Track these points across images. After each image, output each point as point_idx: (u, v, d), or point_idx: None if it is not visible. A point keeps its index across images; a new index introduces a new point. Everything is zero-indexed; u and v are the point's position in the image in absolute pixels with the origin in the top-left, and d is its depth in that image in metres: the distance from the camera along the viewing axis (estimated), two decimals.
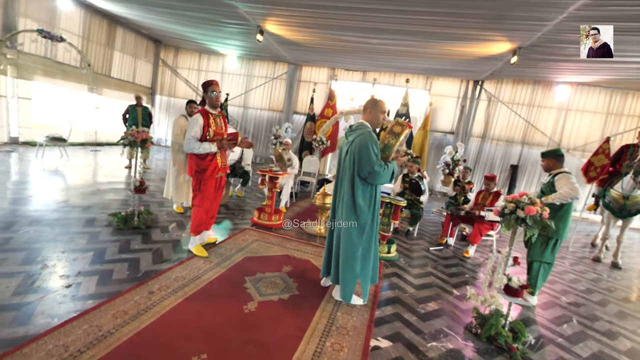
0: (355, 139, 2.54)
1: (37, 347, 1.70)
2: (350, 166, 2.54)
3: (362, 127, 2.58)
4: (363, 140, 2.47)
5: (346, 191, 2.57)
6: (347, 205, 2.56)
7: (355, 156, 2.49)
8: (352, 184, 2.54)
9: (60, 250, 2.86)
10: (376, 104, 2.61)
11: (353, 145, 2.53)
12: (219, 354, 1.85)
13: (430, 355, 2.15)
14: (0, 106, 7.11)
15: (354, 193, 2.53)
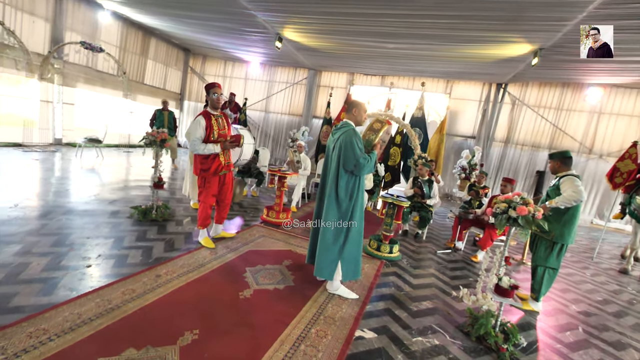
0: (340, 136, 2.71)
1: (56, 313, 1.96)
2: (336, 160, 2.72)
3: (346, 125, 2.74)
4: (348, 137, 2.66)
5: (330, 183, 2.76)
6: (331, 196, 2.75)
7: (341, 151, 2.67)
8: (337, 176, 2.73)
9: (86, 236, 3.20)
10: (360, 105, 2.82)
11: (339, 142, 2.71)
12: (210, 331, 2.03)
13: (413, 349, 2.20)
14: (48, 111, 7.91)
15: (337, 184, 2.72)
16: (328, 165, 2.86)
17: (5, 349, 1.63)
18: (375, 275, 3.33)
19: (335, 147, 2.75)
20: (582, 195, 2.81)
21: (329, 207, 2.75)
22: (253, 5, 6.15)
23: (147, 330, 1.94)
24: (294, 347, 2.01)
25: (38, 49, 7.39)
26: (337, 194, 2.73)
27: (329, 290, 2.84)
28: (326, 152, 2.92)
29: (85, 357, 1.67)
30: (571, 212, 2.94)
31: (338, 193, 2.73)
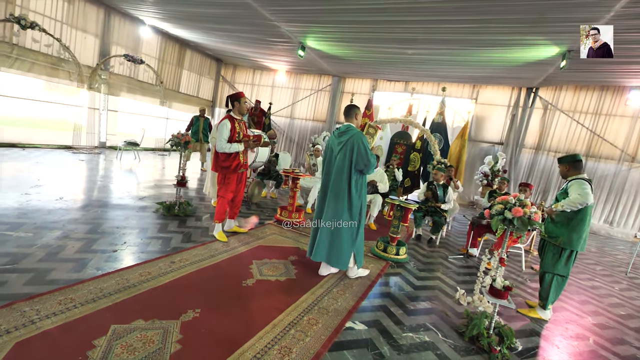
0: (349, 139, 2.87)
1: (83, 287, 2.27)
2: (347, 162, 2.90)
3: (352, 128, 2.90)
4: (359, 140, 2.88)
5: (343, 183, 2.94)
6: (343, 195, 2.94)
7: (353, 153, 2.87)
8: (349, 176, 2.92)
9: (115, 226, 3.58)
10: (360, 110, 3.08)
11: (349, 145, 2.87)
12: (210, 311, 2.24)
13: (401, 342, 2.26)
14: (94, 117, 8.80)
15: (350, 183, 2.93)
16: (334, 166, 3.00)
17: (39, 311, 1.94)
18: (378, 275, 3.39)
19: (343, 149, 2.92)
20: (587, 199, 2.72)
21: (341, 205, 2.96)
22: (276, 17, 6.50)
23: (156, 306, 2.19)
24: (284, 330, 2.16)
25: (88, 62, 8.29)
26: (349, 192, 2.94)
27: (352, 276, 3.15)
28: (330, 154, 3.07)
29: (101, 322, 1.93)
30: (579, 216, 2.84)
31: (351, 191, 2.94)
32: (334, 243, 3.01)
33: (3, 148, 7.07)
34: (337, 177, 2.97)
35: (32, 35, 6.91)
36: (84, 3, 8.00)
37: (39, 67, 7.26)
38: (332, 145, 3.07)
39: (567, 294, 3.76)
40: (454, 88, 9.75)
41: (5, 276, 2.27)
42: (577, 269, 4.82)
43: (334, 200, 2.99)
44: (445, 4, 4.78)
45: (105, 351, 1.71)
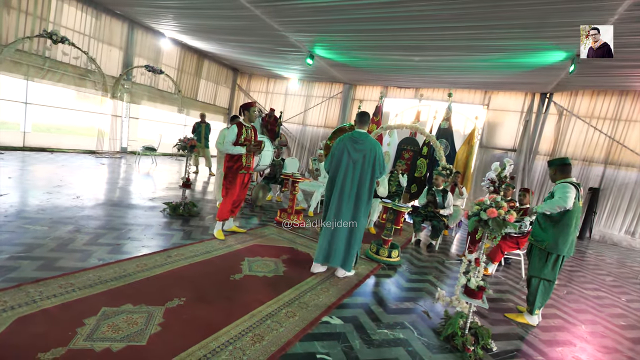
0: (370, 147, 3.05)
1: (83, 274, 2.50)
2: (369, 170, 3.07)
3: (369, 137, 3.08)
4: (380, 149, 3.09)
5: (366, 189, 3.10)
6: (364, 200, 3.11)
7: (376, 162, 3.06)
8: (371, 182, 3.10)
9: (123, 223, 3.86)
10: (370, 117, 3.18)
11: (371, 154, 3.05)
12: (195, 300, 2.40)
13: (374, 337, 2.33)
14: (117, 124, 9.40)
15: (371, 190, 3.11)
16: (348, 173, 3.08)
17: (42, 293, 2.17)
18: (367, 275, 3.45)
19: (365, 158, 3.04)
20: (566, 202, 2.69)
21: (360, 210, 3.11)
22: (284, 28, 6.78)
23: (146, 293, 2.38)
24: (261, 321, 2.28)
25: (113, 73, 8.91)
26: (369, 198, 3.12)
27: (340, 275, 3.27)
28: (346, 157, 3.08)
29: (94, 304, 2.14)
30: (564, 221, 2.81)
31: (370, 197, 3.12)
32: (351, 246, 3.14)
33: (34, 152, 7.69)
34: (360, 183, 3.07)
35: (62, 49, 7.54)
36: (110, 18, 8.64)
37: (68, 77, 7.89)
38: (348, 149, 3.08)
39: (565, 302, 3.67)
40: (464, 94, 9.67)
41: (18, 262, 2.55)
42: (584, 279, 4.66)
43: (355, 204, 3.09)
44: (447, 11, 4.85)
45: (93, 329, 1.91)
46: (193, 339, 1.96)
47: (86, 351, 1.73)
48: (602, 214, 8.07)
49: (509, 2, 4.32)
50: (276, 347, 2.03)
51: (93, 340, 1.82)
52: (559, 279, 4.47)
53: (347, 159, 3.06)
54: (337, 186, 3.10)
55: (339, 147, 3.15)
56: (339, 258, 3.13)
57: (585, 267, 5.37)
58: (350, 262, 3.18)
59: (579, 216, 2.88)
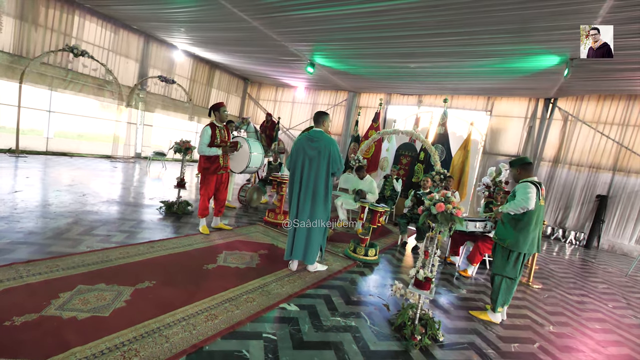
0: (325, 145, 3.19)
1: (69, 258, 2.79)
2: (324, 165, 3.19)
3: (324, 135, 3.22)
4: (334, 145, 3.21)
5: (321, 185, 3.23)
6: (320, 194, 3.23)
7: (330, 158, 3.18)
8: (327, 179, 3.23)
9: (119, 217, 4.19)
10: (328, 117, 3.33)
11: (324, 150, 3.18)
12: (163, 284, 2.63)
13: (325, 324, 2.46)
14: (132, 131, 10.02)
15: (327, 186, 3.24)
16: (305, 170, 3.24)
17: (30, 271, 2.47)
18: (339, 271, 3.58)
19: (319, 155, 3.18)
20: (527, 202, 2.75)
21: (318, 205, 3.25)
22: (282, 38, 7.12)
23: (121, 276, 2.64)
24: (220, 303, 2.48)
25: (129, 83, 9.56)
26: (327, 193, 3.26)
27: (311, 270, 3.39)
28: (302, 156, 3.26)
29: (72, 282, 2.41)
30: (525, 219, 2.85)
31: (327, 192, 3.25)
32: (310, 241, 3.27)
33: (55, 156, 8.34)
34: (315, 179, 3.21)
35: (82, 62, 8.21)
36: (127, 33, 9.32)
37: (88, 88, 8.56)
38: (303, 148, 3.27)
39: (541, 305, 3.64)
40: (467, 101, 9.65)
41: (16, 246, 2.88)
42: (574, 286, 4.56)
43: (312, 200, 3.23)
44: (430, 18, 5.00)
45: (65, 301, 2.17)
46: (151, 315, 2.18)
47: (54, 318, 1.98)
48: (610, 223, 7.77)
49: (488, 8, 4.43)
50: (226, 325, 2.21)
51: (63, 309, 2.07)
52: (544, 285, 4.41)
53: (304, 157, 3.23)
54: (296, 182, 3.28)
55: (296, 145, 3.32)
56: (300, 252, 3.27)
57: (579, 274, 5.23)
58: (310, 256, 3.30)
59: (541, 214, 2.91)
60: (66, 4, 7.88)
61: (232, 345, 2.02)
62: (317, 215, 3.23)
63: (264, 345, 2.08)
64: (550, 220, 8.50)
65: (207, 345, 1.98)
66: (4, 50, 7.13)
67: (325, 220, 3.33)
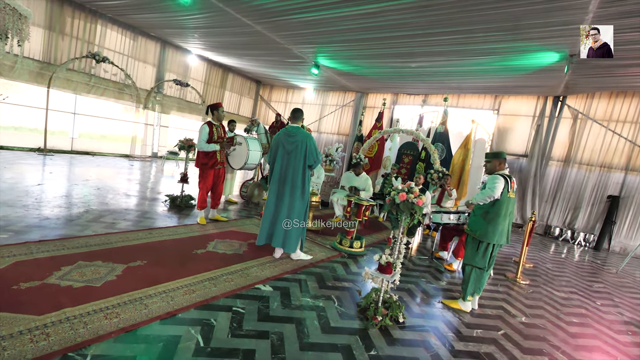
0: (301, 139, 3.44)
1: (76, 240, 3.16)
2: (301, 158, 3.43)
3: (301, 130, 3.45)
4: (310, 139, 3.47)
5: (299, 176, 3.46)
6: (298, 186, 3.45)
7: (306, 150, 3.41)
8: (304, 171, 3.45)
9: (126, 208, 4.58)
10: (302, 113, 3.53)
11: (301, 143, 3.43)
12: (154, 263, 2.94)
13: (293, 303, 2.67)
14: (149, 132, 10.63)
15: (304, 177, 3.47)
16: (284, 163, 3.49)
17: (39, 248, 2.84)
18: (322, 260, 3.78)
19: (297, 148, 3.43)
20: (493, 192, 2.85)
21: (296, 196, 3.47)
22: (285, 41, 7.41)
23: (116, 255, 2.96)
24: (200, 281, 2.75)
25: (146, 87, 10.17)
26: (304, 184, 3.48)
27: (294, 258, 3.60)
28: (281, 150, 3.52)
29: (74, 259, 2.75)
30: (494, 210, 2.94)
31: (304, 183, 3.48)
32: (289, 229, 3.48)
33: (79, 155, 9.03)
34: (293, 171, 3.45)
35: (103, 67, 8.85)
36: (145, 40, 9.94)
37: (109, 92, 9.20)
38: (282, 143, 3.51)
39: (522, 299, 3.68)
40: (474, 100, 9.58)
41: (31, 229, 3.28)
42: (567, 284, 4.53)
43: (291, 191, 3.47)
44: (422, 18, 5.12)
45: (65, 273, 2.50)
46: (137, 287, 2.47)
47: (54, 285, 2.31)
48: (622, 225, 7.49)
49: (477, 7, 4.50)
50: (201, 298, 2.47)
51: (62, 279, 2.40)
52: (533, 281, 4.41)
53: (283, 151, 3.46)
54: (276, 175, 3.51)
55: (275, 141, 3.57)
56: (279, 239, 3.47)
57: (577, 274, 5.15)
58: (290, 244, 3.48)
59: (510, 207, 2.99)
60: (90, 14, 8.53)
61: (203, 315, 2.28)
62: (295, 205, 3.44)
63: (231, 316, 2.32)
64: (559, 221, 8.29)
65: (180, 313, 2.25)
66: (34, 57, 7.83)
67: (303, 211, 3.52)
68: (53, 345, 1.73)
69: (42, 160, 7.24)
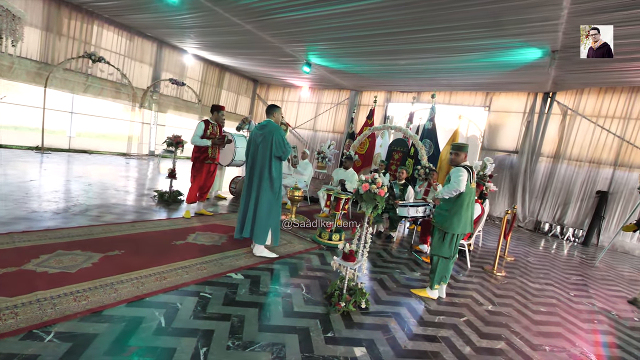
0: (269, 130, 3.53)
1: (59, 231, 3.30)
2: (268, 149, 3.51)
3: (271, 123, 3.55)
4: (278, 131, 3.54)
5: (266, 166, 3.53)
6: (266, 177, 3.52)
7: (272, 142, 3.48)
8: (270, 161, 3.52)
9: (114, 203, 4.73)
10: (278, 109, 3.65)
11: (268, 135, 3.51)
12: (131, 253, 3.07)
13: (261, 289, 2.79)
14: (146, 131, 10.81)
15: (270, 167, 3.52)
16: (255, 155, 3.64)
17: (22, 238, 2.98)
18: (299, 252, 3.90)
19: (265, 139, 3.52)
20: (459, 185, 2.93)
21: (263, 187, 3.54)
22: (275, 39, 7.52)
23: (96, 246, 3.10)
24: (173, 269, 2.88)
25: (143, 86, 10.34)
26: (270, 175, 3.55)
27: (256, 253, 3.60)
28: (254, 146, 3.70)
29: (54, 247, 2.89)
30: (458, 202, 3.04)
31: (272, 174, 3.55)
32: (256, 220, 3.56)
33: (76, 153, 9.22)
34: (261, 163, 3.53)
35: (100, 67, 9.03)
36: (142, 40, 10.10)
37: (106, 91, 9.38)
38: (255, 138, 3.64)
39: (493, 289, 3.76)
40: (465, 96, 9.63)
41: (18, 220, 3.43)
42: (544, 276, 4.59)
43: (259, 183, 3.53)
44: (401, 16, 5.21)
45: (43, 260, 2.64)
46: (111, 274, 2.61)
47: (30, 271, 2.45)
48: (611, 220, 7.52)
49: (454, 4, 4.58)
50: (171, 285, 2.60)
51: (39, 266, 2.54)
52: (509, 274, 4.49)
53: (254, 144, 3.58)
54: (248, 168, 3.62)
55: (250, 136, 3.70)
56: (248, 230, 3.55)
57: (557, 267, 5.21)
58: (260, 235, 3.49)
59: (472, 197, 3.08)
60: (86, 15, 8.71)
61: (170, 299, 2.40)
62: (263, 196, 3.49)
63: (197, 300, 2.45)
64: (548, 217, 8.33)
65: (148, 297, 2.37)
66: (32, 58, 8.02)
67: (273, 203, 3.54)
68: (20, 323, 1.86)
69: (38, 158, 7.42)
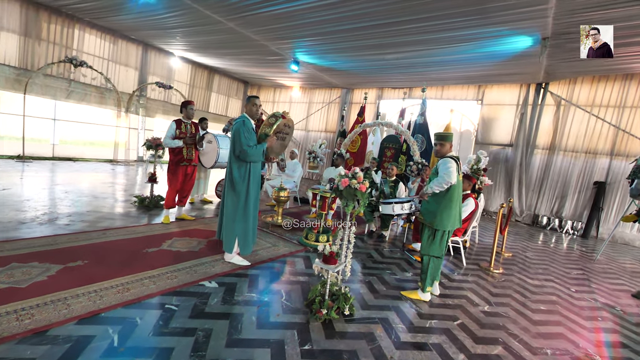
0: (235, 128, 3.25)
1: (19, 242, 3.05)
2: (231, 149, 3.24)
3: (240, 117, 3.28)
4: (237, 128, 3.17)
5: (229, 167, 3.24)
6: (227, 178, 3.24)
7: (235, 138, 3.17)
8: (231, 161, 3.23)
9: (89, 210, 4.48)
10: (251, 101, 3.33)
11: (234, 131, 3.24)
12: (95, 263, 2.83)
13: (236, 298, 2.56)
14: (133, 136, 10.55)
15: (232, 168, 3.22)
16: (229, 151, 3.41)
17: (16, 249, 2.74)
18: (283, 255, 3.67)
19: (232, 138, 3.22)
20: (450, 177, 2.71)
21: (227, 188, 3.29)
22: (260, 37, 7.32)
23: (56, 256, 2.85)
24: (139, 279, 2.64)
25: (129, 90, 10.09)
26: (232, 176, 3.26)
27: (226, 259, 3.33)
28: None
29: (8, 260, 2.65)
30: (448, 197, 2.82)
31: (233, 175, 3.24)
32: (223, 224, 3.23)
33: (60, 161, 8.95)
34: (228, 163, 3.24)
35: (82, 72, 8.78)
36: (126, 43, 9.87)
37: (89, 96, 9.13)
38: None
39: (489, 287, 3.55)
40: (457, 90, 9.45)
41: None
42: (542, 272, 4.38)
43: (226, 184, 3.26)
44: (381, 7, 5.01)
45: None
46: (67, 287, 2.37)
47: None
48: (610, 211, 7.33)
49: None
50: (134, 297, 2.36)
51: None
52: (507, 270, 4.28)
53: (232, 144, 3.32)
54: None
55: None
56: (219, 232, 3.30)
57: (557, 262, 5.01)
58: (226, 243, 3.19)
59: (460, 189, 2.87)
60: (67, 18, 8.47)
61: (129, 314, 2.16)
62: (227, 199, 3.18)
63: (161, 314, 2.21)
64: (546, 210, 8.14)
65: (105, 312, 2.13)
66: (10, 64, 7.77)
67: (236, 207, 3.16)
68: None
69: (18, 167, 7.16)
